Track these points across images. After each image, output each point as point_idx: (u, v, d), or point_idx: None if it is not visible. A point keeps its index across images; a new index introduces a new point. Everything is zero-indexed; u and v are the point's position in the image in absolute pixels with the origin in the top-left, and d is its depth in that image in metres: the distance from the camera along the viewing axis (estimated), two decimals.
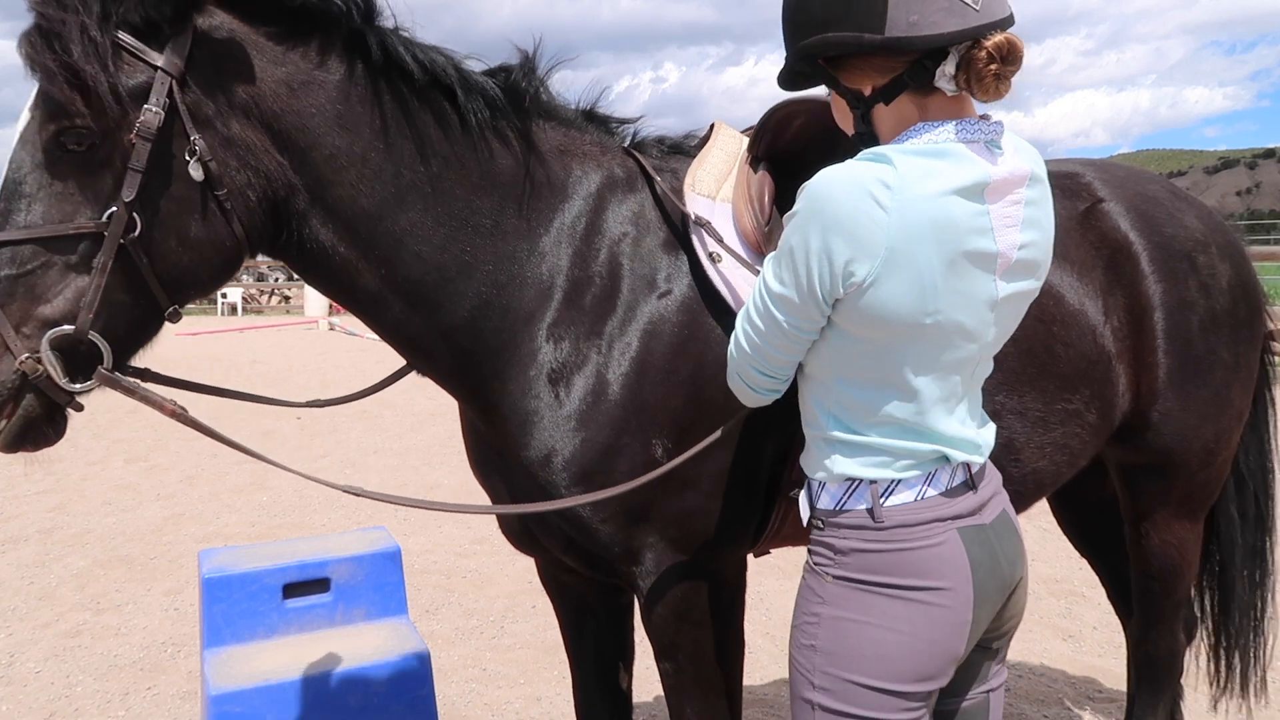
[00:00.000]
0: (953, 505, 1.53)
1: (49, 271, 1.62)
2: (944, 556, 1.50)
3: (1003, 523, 1.60)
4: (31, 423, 1.65)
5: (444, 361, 1.95)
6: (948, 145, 1.41)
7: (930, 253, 1.37)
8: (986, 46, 1.39)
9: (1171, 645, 2.73)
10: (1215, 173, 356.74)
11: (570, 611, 2.40)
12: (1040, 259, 1.53)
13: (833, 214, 1.37)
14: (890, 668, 1.49)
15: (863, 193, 1.36)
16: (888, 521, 1.50)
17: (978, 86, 1.42)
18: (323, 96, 1.75)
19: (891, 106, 1.48)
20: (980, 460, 1.57)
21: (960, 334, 1.45)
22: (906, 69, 1.44)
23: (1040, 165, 1.53)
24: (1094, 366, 2.28)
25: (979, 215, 1.41)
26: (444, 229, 1.85)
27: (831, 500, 1.56)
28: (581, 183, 1.98)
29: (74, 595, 5.11)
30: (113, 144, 1.61)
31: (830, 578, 1.55)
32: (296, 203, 1.77)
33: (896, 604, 1.49)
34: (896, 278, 1.38)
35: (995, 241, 1.43)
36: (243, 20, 1.70)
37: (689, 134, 2.21)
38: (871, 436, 1.51)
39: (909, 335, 1.43)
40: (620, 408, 1.87)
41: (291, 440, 8.75)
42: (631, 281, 1.93)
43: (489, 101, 1.87)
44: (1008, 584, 1.58)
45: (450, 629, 4.60)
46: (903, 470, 1.51)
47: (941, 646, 1.50)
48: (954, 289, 1.41)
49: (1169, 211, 2.48)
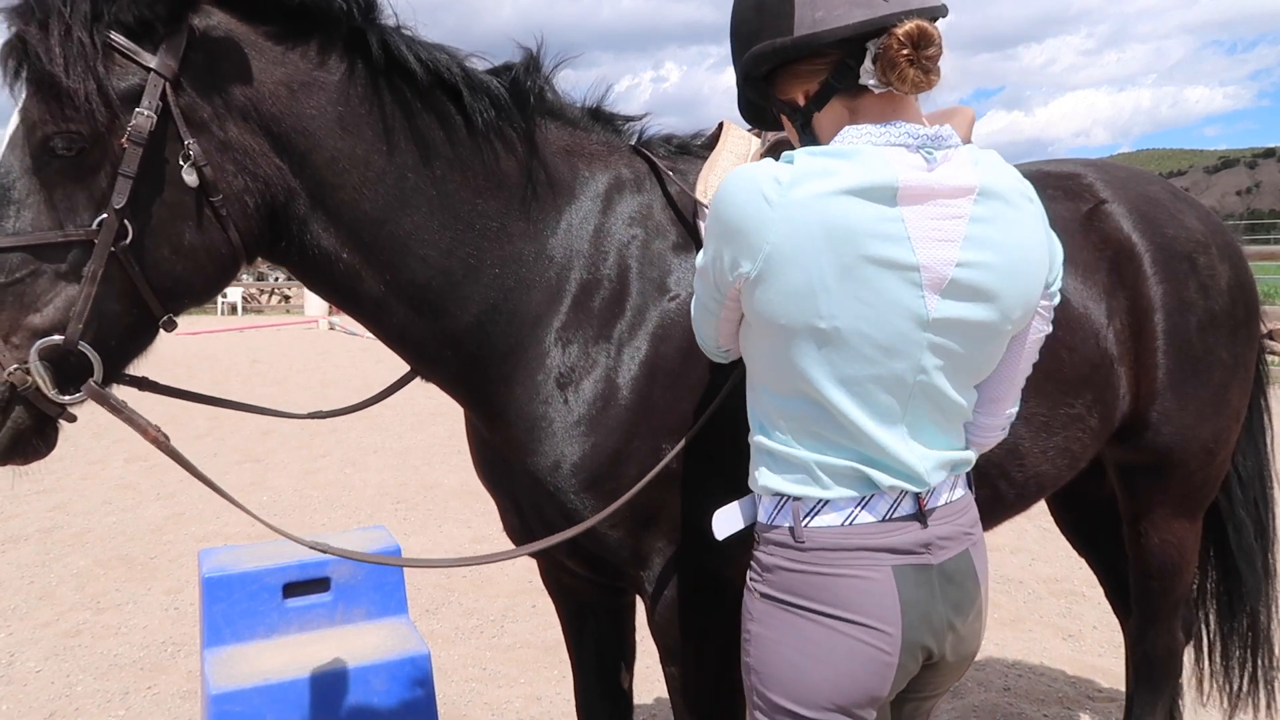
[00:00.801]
0: (888, 537, 1.44)
1: (38, 280, 1.57)
2: (869, 590, 1.42)
3: (959, 568, 1.50)
4: (21, 435, 1.61)
5: (450, 367, 1.92)
6: (852, 147, 1.38)
7: (820, 253, 1.33)
8: (896, 34, 1.36)
9: (1170, 644, 2.74)
10: (1215, 172, 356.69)
11: (572, 611, 2.39)
12: (995, 286, 1.41)
13: (726, 207, 1.39)
14: (804, 691, 1.43)
15: (754, 188, 1.36)
16: (809, 543, 1.44)
17: (895, 77, 1.37)
18: (323, 98, 1.71)
19: (825, 112, 1.47)
20: (917, 489, 1.46)
21: (872, 347, 1.37)
22: (830, 71, 1.43)
23: (1006, 183, 1.43)
24: (1096, 371, 2.28)
25: (885, 221, 1.34)
26: (449, 232, 1.81)
27: (764, 514, 1.52)
28: (589, 184, 1.95)
29: (74, 594, 5.11)
30: (103, 149, 1.57)
31: (758, 595, 1.51)
32: (297, 208, 1.73)
33: (816, 629, 1.43)
34: (782, 275, 1.35)
35: (914, 252, 1.35)
36: (240, 19, 1.66)
37: (697, 133, 2.17)
38: (795, 449, 1.46)
39: (806, 339, 1.38)
40: (630, 412, 1.84)
41: (291, 440, 8.75)
42: (641, 284, 1.90)
43: (494, 101, 1.83)
44: (942, 633, 1.47)
45: (450, 628, 4.60)
46: (825, 490, 1.44)
47: (860, 682, 1.43)
48: (853, 295, 1.35)
49: (1170, 213, 2.49)
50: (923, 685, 1.55)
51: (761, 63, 1.48)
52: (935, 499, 1.49)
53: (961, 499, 1.55)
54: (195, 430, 8.72)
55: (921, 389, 1.43)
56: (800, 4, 1.41)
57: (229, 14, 1.66)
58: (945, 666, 1.53)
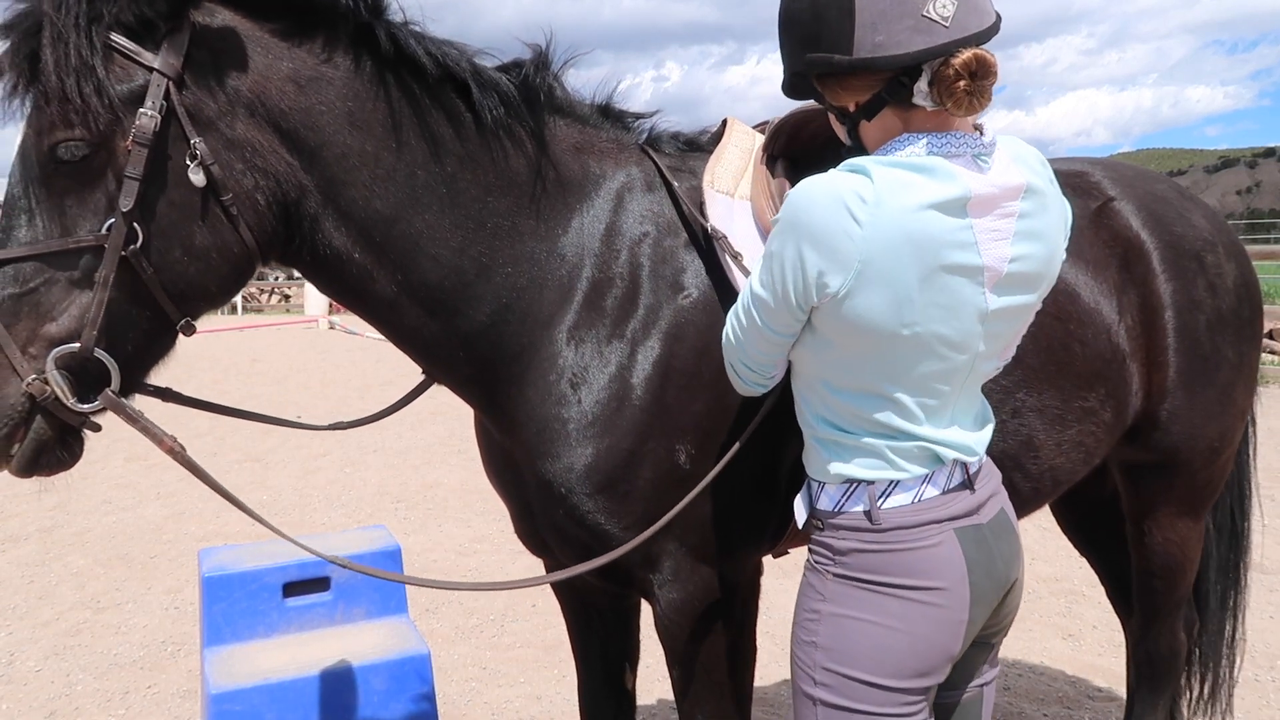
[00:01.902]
0: (950, 506, 1.54)
1: (53, 288, 1.57)
2: (941, 557, 1.51)
3: (1000, 522, 1.61)
4: (44, 447, 1.61)
5: (462, 368, 1.90)
6: (927, 160, 1.41)
7: (906, 266, 1.38)
8: (954, 64, 1.39)
9: (1172, 643, 2.74)
10: (1215, 172, 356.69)
11: (577, 611, 2.38)
12: (1039, 271, 1.52)
13: (807, 225, 1.40)
14: (888, 664, 1.50)
15: (838, 205, 1.37)
16: (885, 524, 1.52)
17: (950, 102, 1.40)
18: (332, 93, 1.70)
19: (875, 121, 1.50)
20: (975, 460, 1.58)
21: (944, 345, 1.45)
22: (884, 86, 1.45)
23: (1040, 176, 1.51)
24: (1109, 365, 2.28)
25: (960, 230, 1.40)
26: (460, 231, 1.80)
27: (830, 501, 1.57)
28: (600, 181, 1.94)
29: (74, 594, 5.11)
30: (108, 152, 1.55)
31: (830, 575, 1.56)
32: (308, 206, 1.71)
33: (894, 602, 1.51)
34: (871, 290, 1.39)
35: (980, 255, 1.42)
36: (244, 15, 1.65)
37: (703, 130, 2.16)
38: (862, 438, 1.52)
39: (887, 345, 1.44)
40: (644, 412, 1.82)
41: (291, 439, 8.74)
42: (653, 283, 1.88)
43: (504, 98, 1.82)
44: (1003, 583, 1.59)
45: (450, 628, 4.60)
46: (898, 471, 1.52)
47: (938, 644, 1.52)
48: (933, 302, 1.41)
49: (1178, 211, 2.49)
50: (985, 634, 1.65)
51: (815, 68, 1.50)
52: (974, 466, 1.59)
53: (988, 463, 1.66)
54: (195, 430, 8.72)
55: (972, 374, 1.54)
56: (861, 25, 1.41)
57: (232, 10, 1.64)
58: (1002, 613, 1.64)
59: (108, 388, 1.60)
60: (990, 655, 1.71)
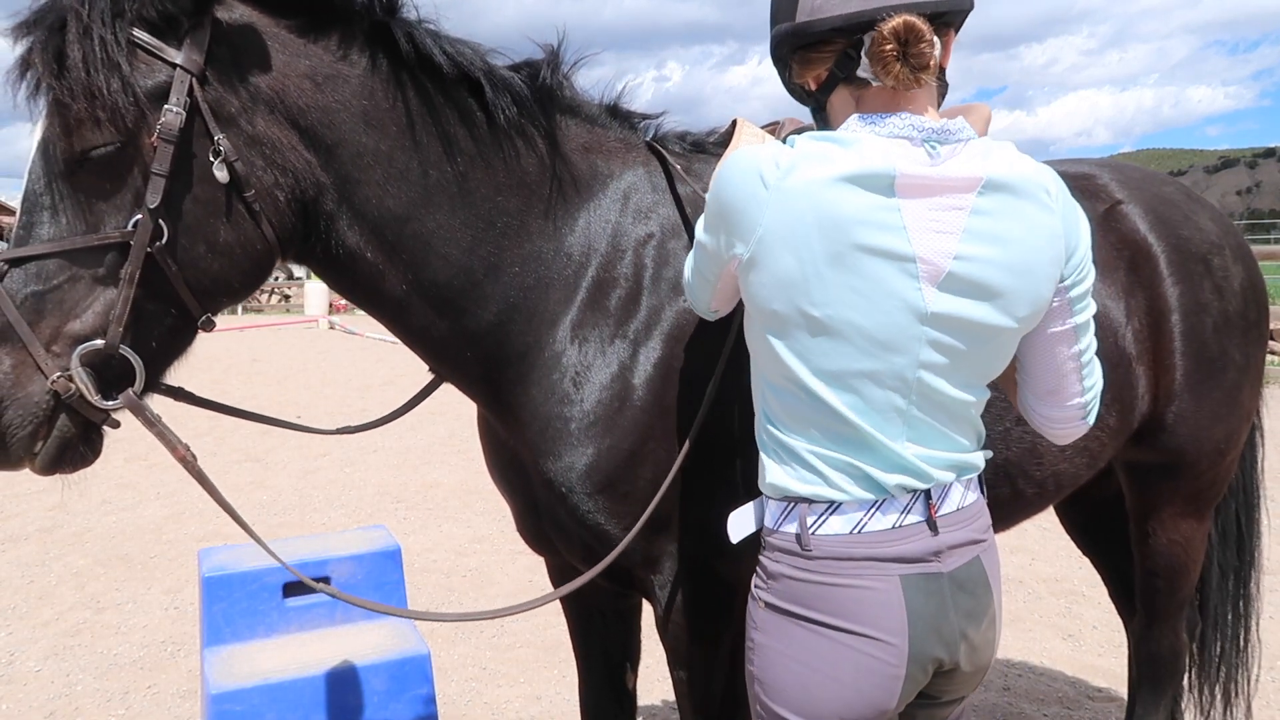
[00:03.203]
0: (898, 545, 1.40)
1: (76, 285, 1.56)
2: (876, 601, 1.38)
3: (969, 575, 1.46)
4: (67, 444, 1.60)
5: (470, 367, 1.90)
6: (851, 135, 1.37)
7: (812, 239, 1.32)
8: (883, 29, 1.35)
9: (1175, 644, 2.73)
10: (1215, 172, 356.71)
11: (580, 611, 2.38)
12: (999, 282, 1.37)
13: (723, 187, 1.41)
14: (810, 706, 1.40)
15: (753, 170, 1.36)
16: (816, 551, 1.41)
17: (882, 72, 1.36)
18: (348, 90, 1.70)
19: (833, 99, 1.48)
20: (922, 486, 1.42)
21: (864, 339, 1.35)
22: (834, 61, 1.44)
23: (1018, 176, 1.38)
24: (1115, 370, 2.26)
25: (881, 210, 1.32)
26: (470, 230, 1.80)
27: (771, 518, 1.49)
28: (607, 182, 1.94)
29: (74, 594, 5.10)
30: (133, 149, 1.55)
31: (763, 604, 1.48)
32: (325, 203, 1.71)
33: (821, 642, 1.40)
34: (774, 259, 1.35)
35: (910, 243, 1.33)
36: (262, 12, 1.65)
37: (710, 131, 2.15)
38: (798, 441, 1.43)
39: (798, 327, 1.36)
40: (645, 413, 1.82)
41: (291, 439, 8.74)
42: (657, 284, 1.88)
43: (517, 98, 1.82)
44: (955, 642, 1.43)
45: (450, 628, 4.59)
46: (834, 490, 1.41)
47: (867, 695, 1.39)
48: (846, 285, 1.33)
49: (1185, 213, 2.49)
50: (937, 693, 1.52)
51: (776, 46, 1.50)
52: (945, 504, 1.45)
53: (974, 504, 1.50)
54: (195, 429, 8.72)
55: (922, 385, 1.40)
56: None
57: (250, 5, 1.64)
58: (960, 675, 1.49)
59: (130, 386, 1.59)
60: (952, 712, 1.57)
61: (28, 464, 1.60)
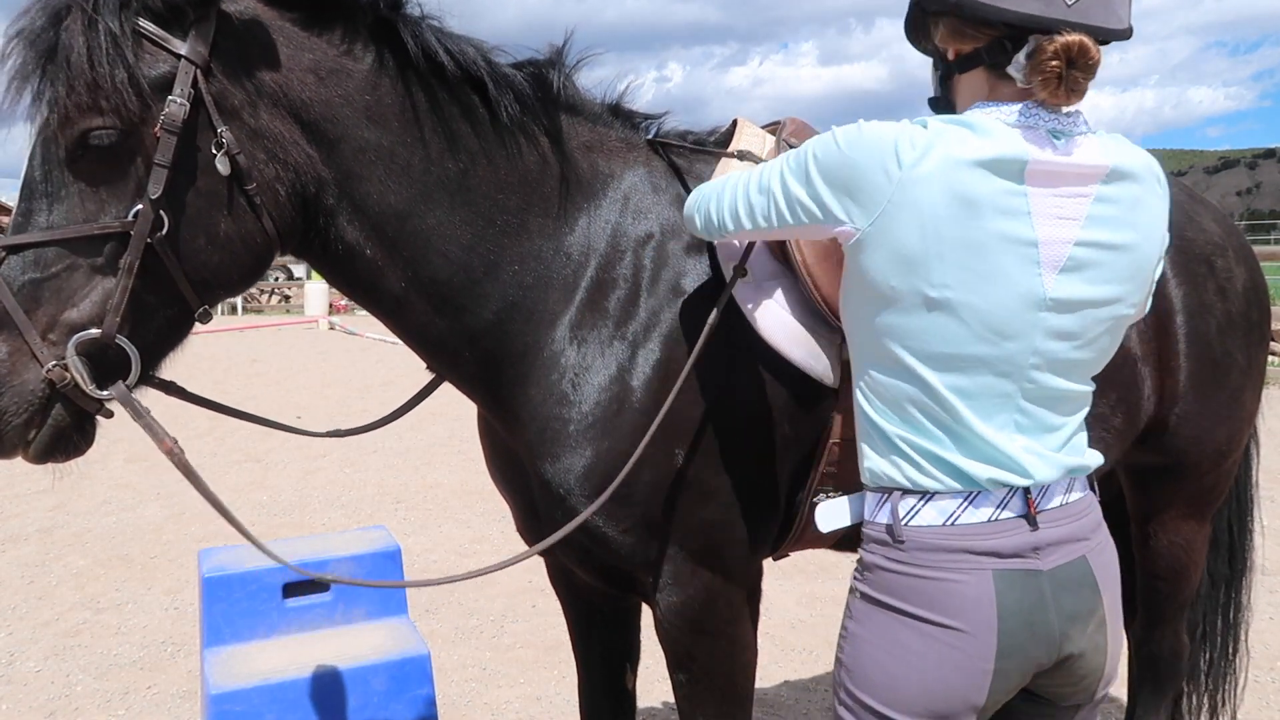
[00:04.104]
0: (991, 539, 1.39)
1: (74, 274, 1.55)
2: (965, 595, 1.38)
3: (1071, 573, 1.43)
4: (61, 433, 1.59)
5: (468, 366, 1.90)
6: (984, 121, 1.37)
7: (940, 220, 1.32)
8: (1057, 41, 1.34)
9: (1175, 646, 2.73)
10: (1215, 172, 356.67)
11: (578, 611, 2.38)
12: (1116, 266, 1.40)
13: (857, 156, 1.37)
14: (896, 696, 1.41)
15: (889, 146, 1.34)
16: (908, 542, 1.41)
17: (1039, 81, 1.35)
18: (351, 85, 1.69)
19: (966, 78, 1.46)
20: (1023, 483, 1.41)
21: (982, 324, 1.35)
22: (986, 44, 1.41)
23: (1137, 164, 1.42)
24: (1120, 370, 2.25)
25: (1010, 195, 1.34)
26: (470, 228, 1.79)
27: (868, 509, 1.50)
28: (608, 181, 1.93)
29: (74, 594, 5.10)
30: (137, 139, 1.54)
31: (858, 594, 1.49)
32: (325, 198, 1.71)
33: (911, 633, 1.41)
34: (896, 236, 1.34)
35: (1034, 228, 1.35)
36: (267, 5, 1.65)
37: (712, 130, 2.14)
38: (894, 427, 1.44)
39: (914, 307, 1.36)
40: (643, 415, 1.81)
41: (291, 440, 8.72)
42: (656, 286, 1.87)
43: (519, 96, 1.81)
44: (1057, 642, 1.42)
45: (450, 629, 4.59)
46: (930, 480, 1.41)
47: (954, 688, 1.39)
48: (968, 266, 1.33)
49: (1188, 215, 2.48)
50: (1050, 696, 1.51)
51: (934, 3, 1.46)
52: (1047, 500, 1.44)
53: (1079, 501, 1.48)
54: (195, 429, 8.72)
55: (1036, 376, 1.40)
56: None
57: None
58: (1072, 680, 1.48)
59: (124, 376, 1.59)
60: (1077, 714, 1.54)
61: (21, 452, 1.60)
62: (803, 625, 4.59)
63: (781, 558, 2.20)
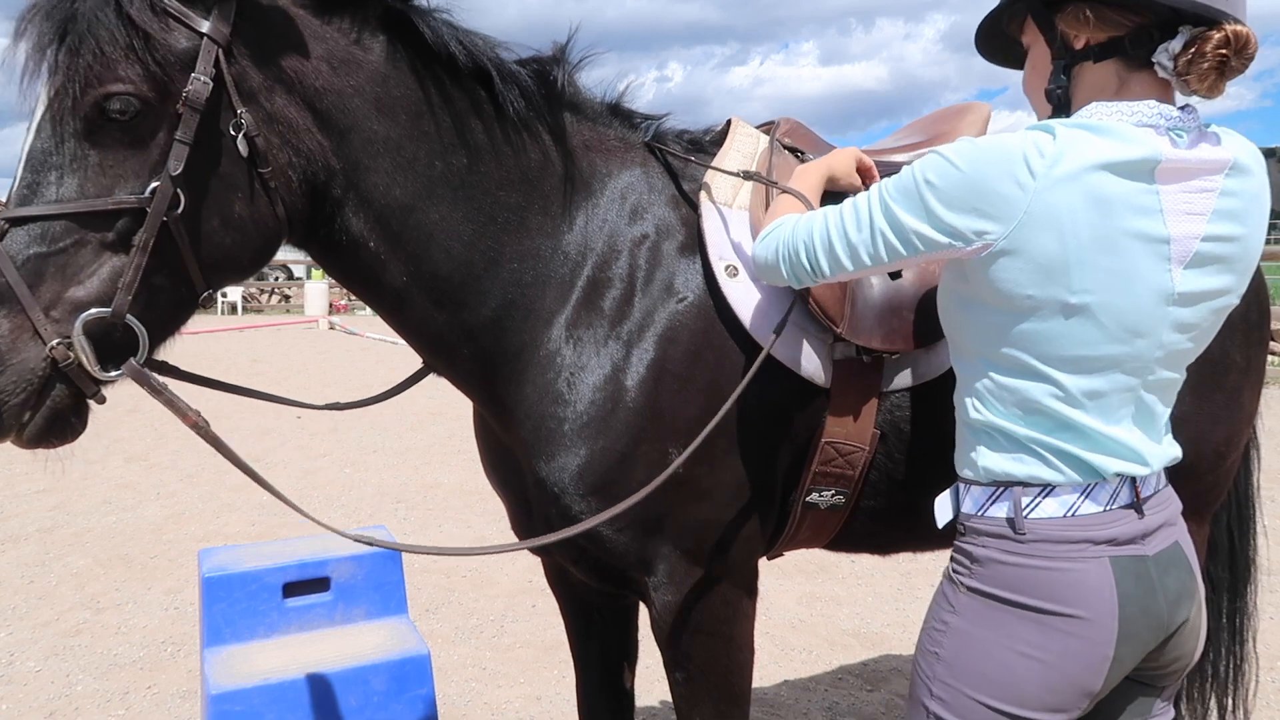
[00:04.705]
0: (1108, 528, 1.41)
1: (82, 250, 1.50)
2: (1087, 584, 1.39)
3: (1170, 556, 1.47)
4: (59, 415, 1.54)
5: (466, 363, 1.90)
6: (1108, 123, 1.35)
7: (1080, 224, 1.31)
8: (1228, 29, 1.31)
9: None
10: None
11: (576, 610, 2.38)
12: (1237, 258, 1.42)
13: (980, 173, 1.33)
14: (1014, 692, 1.41)
15: (1017, 158, 1.32)
16: (1030, 534, 1.41)
17: (1195, 73, 1.34)
18: (362, 76, 1.69)
19: (1096, 68, 1.42)
20: (1144, 473, 1.45)
21: (1118, 324, 1.36)
22: (1131, 32, 1.38)
23: (1250, 158, 1.43)
24: None
25: (1143, 194, 1.33)
26: (471, 224, 1.80)
27: (974, 504, 1.49)
28: (606, 180, 1.94)
29: (74, 594, 5.10)
30: (158, 114, 1.52)
31: (964, 588, 1.48)
32: (333, 189, 1.71)
33: (1029, 626, 1.40)
34: (1035, 246, 1.32)
35: (1166, 225, 1.35)
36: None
37: (707, 129, 2.15)
38: (1018, 426, 1.43)
39: (1052, 315, 1.36)
40: (638, 415, 1.82)
41: (291, 439, 8.73)
42: (650, 286, 1.88)
43: (524, 92, 1.82)
44: (1164, 624, 1.45)
45: (450, 628, 4.60)
46: (1052, 472, 1.42)
47: (1074, 679, 1.40)
48: (1106, 268, 1.33)
49: None
50: (1149, 680, 1.54)
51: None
52: (1147, 487, 1.47)
53: (1167, 489, 1.53)
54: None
55: (1156, 368, 1.43)
56: None
57: None
58: (1169, 653, 1.50)
59: (131, 357, 1.55)
60: (1159, 696, 1.57)
61: (13, 435, 1.54)
62: (802, 625, 4.60)
63: (776, 556, 2.20)
